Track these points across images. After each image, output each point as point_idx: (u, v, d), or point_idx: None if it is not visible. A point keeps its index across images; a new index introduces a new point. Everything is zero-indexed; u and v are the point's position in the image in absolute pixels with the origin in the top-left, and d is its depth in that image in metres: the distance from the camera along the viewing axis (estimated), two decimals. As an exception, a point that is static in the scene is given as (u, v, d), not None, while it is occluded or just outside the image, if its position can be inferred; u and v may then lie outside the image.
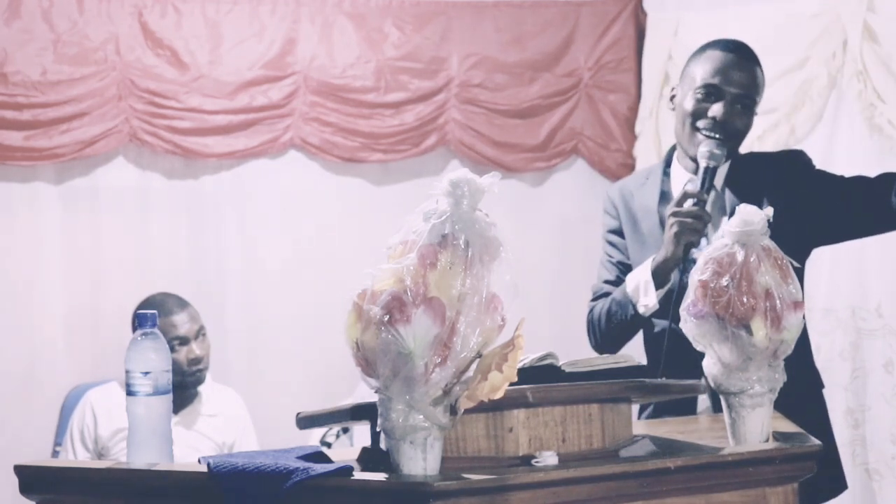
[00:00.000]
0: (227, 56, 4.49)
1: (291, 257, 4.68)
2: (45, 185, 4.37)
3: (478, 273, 1.79)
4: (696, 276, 2.17)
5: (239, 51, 4.51)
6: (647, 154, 4.78)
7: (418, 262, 1.78)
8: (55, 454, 4.18)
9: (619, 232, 3.04)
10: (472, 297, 1.78)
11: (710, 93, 2.87)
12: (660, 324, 2.89)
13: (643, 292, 2.83)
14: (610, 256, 3.04)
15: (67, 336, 4.39)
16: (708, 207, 2.79)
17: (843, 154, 4.13)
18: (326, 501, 1.87)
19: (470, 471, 1.87)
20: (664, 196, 2.96)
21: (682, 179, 2.94)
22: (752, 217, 2.15)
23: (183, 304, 4.09)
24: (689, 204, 2.76)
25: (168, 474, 1.99)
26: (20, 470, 2.05)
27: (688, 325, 2.17)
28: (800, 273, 2.23)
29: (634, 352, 2.74)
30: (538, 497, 1.88)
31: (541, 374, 2.04)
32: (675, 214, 2.77)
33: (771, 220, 2.16)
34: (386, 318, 1.77)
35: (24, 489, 2.05)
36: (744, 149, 2.99)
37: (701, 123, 2.87)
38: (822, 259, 4.14)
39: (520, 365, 1.86)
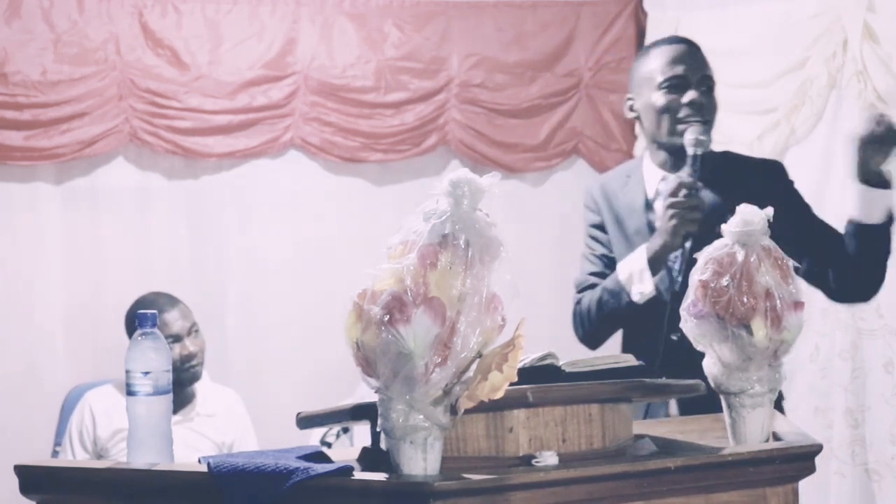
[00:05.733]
0: (227, 56, 4.49)
1: (291, 257, 4.68)
2: (45, 185, 4.37)
3: (478, 273, 1.79)
4: (696, 276, 2.17)
5: (239, 51, 4.51)
6: (647, 154, 4.78)
7: (418, 262, 1.78)
8: (55, 454, 4.17)
9: (601, 227, 3.09)
10: (473, 297, 1.78)
11: (676, 83, 2.92)
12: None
13: (638, 280, 2.85)
14: (593, 250, 3.11)
15: (67, 336, 4.39)
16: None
17: (843, 154, 4.12)
18: (326, 501, 1.87)
19: (470, 471, 1.87)
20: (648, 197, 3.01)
21: (655, 178, 2.96)
22: (753, 217, 2.15)
23: (174, 301, 4.07)
24: (683, 194, 2.79)
25: (168, 474, 1.99)
26: (20, 470, 2.05)
27: (688, 325, 2.17)
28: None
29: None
30: (538, 497, 1.88)
31: (541, 374, 2.03)
32: (673, 206, 2.79)
33: (770, 220, 2.16)
34: (386, 318, 1.77)
35: (24, 489, 2.05)
36: (743, 148, 3.00)
37: (681, 113, 2.90)
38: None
39: (520, 365, 1.86)
